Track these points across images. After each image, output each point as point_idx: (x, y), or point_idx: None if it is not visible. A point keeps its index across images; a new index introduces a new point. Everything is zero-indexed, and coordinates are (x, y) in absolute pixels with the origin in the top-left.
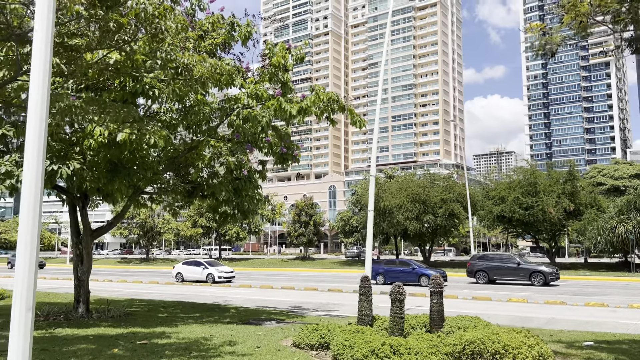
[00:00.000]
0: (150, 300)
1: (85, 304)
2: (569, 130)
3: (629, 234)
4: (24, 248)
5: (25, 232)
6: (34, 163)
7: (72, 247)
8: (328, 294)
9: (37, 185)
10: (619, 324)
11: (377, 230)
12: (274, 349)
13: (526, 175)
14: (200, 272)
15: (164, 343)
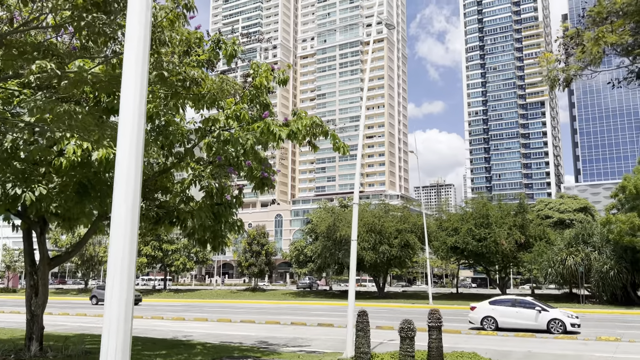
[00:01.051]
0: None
1: (39, 341)
2: (508, 165)
3: (578, 266)
4: (120, 284)
5: (122, 270)
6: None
7: (25, 277)
8: (292, 328)
9: (133, 220)
10: (594, 357)
11: (331, 260)
12: None
13: (479, 207)
14: None
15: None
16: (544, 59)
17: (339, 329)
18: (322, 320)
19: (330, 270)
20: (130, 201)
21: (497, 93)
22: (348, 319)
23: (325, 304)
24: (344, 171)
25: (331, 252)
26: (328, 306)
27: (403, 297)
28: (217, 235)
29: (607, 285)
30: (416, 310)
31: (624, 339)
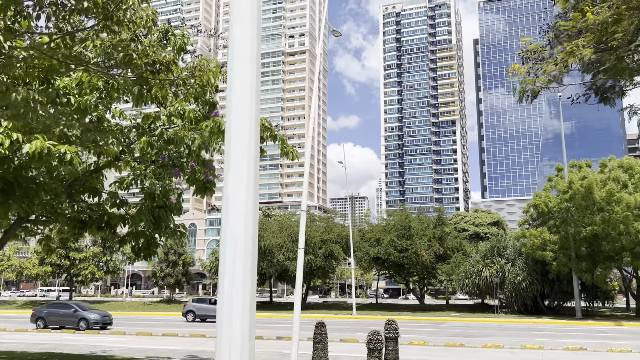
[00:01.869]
0: (11, 353)
1: None
2: (420, 180)
3: (493, 277)
4: (242, 297)
5: (244, 282)
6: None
7: None
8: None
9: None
10: None
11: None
12: None
13: (401, 218)
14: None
15: None
16: (513, 71)
17: (269, 341)
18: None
19: None
20: (251, 207)
21: (412, 110)
22: (293, 331)
23: None
24: (263, 180)
25: None
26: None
27: (324, 308)
28: (150, 243)
29: (519, 295)
30: (343, 321)
31: (546, 346)
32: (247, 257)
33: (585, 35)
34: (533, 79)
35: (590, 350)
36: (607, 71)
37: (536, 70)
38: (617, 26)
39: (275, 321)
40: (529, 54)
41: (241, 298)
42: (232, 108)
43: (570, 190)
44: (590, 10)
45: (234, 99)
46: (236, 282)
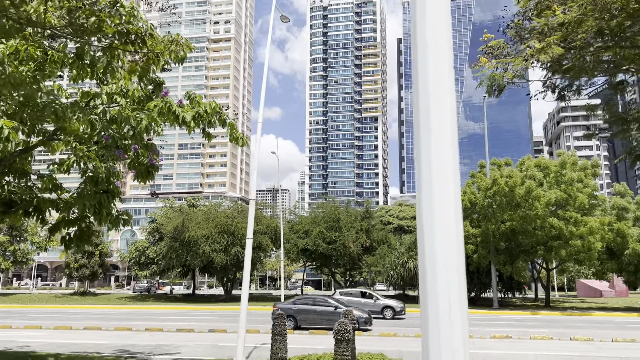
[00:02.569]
0: None
1: None
2: (343, 174)
3: (417, 269)
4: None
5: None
6: None
7: None
8: (149, 335)
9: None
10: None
11: (177, 262)
12: None
13: (330, 211)
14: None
15: None
16: (482, 65)
17: (201, 334)
18: (180, 325)
19: (173, 274)
20: (454, 209)
21: (337, 105)
22: (240, 324)
23: (172, 309)
24: (183, 170)
25: (178, 253)
26: (177, 310)
27: (250, 300)
28: (84, 232)
29: None
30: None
31: (475, 335)
32: (459, 255)
33: (554, 34)
34: (501, 74)
35: (515, 338)
36: (569, 70)
37: (504, 65)
38: (580, 26)
39: (199, 314)
40: (491, 49)
41: (458, 305)
42: (431, 112)
43: (494, 187)
44: (560, 10)
45: (433, 102)
46: (452, 286)
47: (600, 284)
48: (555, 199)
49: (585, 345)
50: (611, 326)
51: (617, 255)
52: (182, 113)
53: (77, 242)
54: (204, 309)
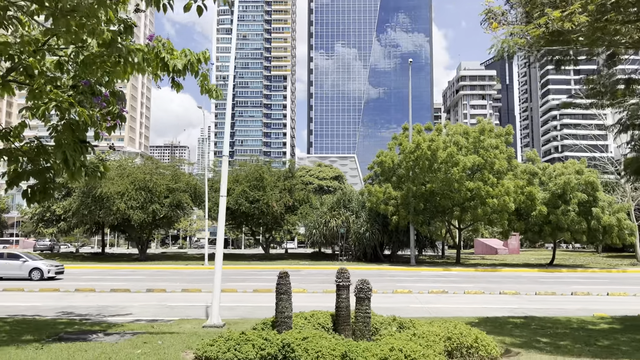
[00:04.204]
0: None
1: None
2: (251, 133)
3: (339, 227)
4: None
5: None
6: None
7: None
8: (84, 295)
9: None
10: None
11: (90, 219)
12: None
13: (252, 170)
14: None
15: None
16: (494, 29)
17: (139, 294)
18: (110, 285)
19: (79, 231)
20: None
21: (245, 61)
22: (215, 282)
23: (89, 268)
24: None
25: (90, 209)
26: (95, 270)
27: (166, 259)
28: (48, 185)
29: (362, 245)
30: (198, 272)
31: (414, 290)
32: None
33: (575, 2)
34: (515, 40)
35: (450, 293)
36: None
37: (522, 32)
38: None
39: (122, 273)
40: (493, 15)
41: None
42: None
43: (417, 151)
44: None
45: None
46: None
47: (495, 242)
48: (473, 164)
49: (516, 299)
50: (525, 280)
51: (523, 216)
52: (173, 60)
53: (42, 196)
54: (125, 269)
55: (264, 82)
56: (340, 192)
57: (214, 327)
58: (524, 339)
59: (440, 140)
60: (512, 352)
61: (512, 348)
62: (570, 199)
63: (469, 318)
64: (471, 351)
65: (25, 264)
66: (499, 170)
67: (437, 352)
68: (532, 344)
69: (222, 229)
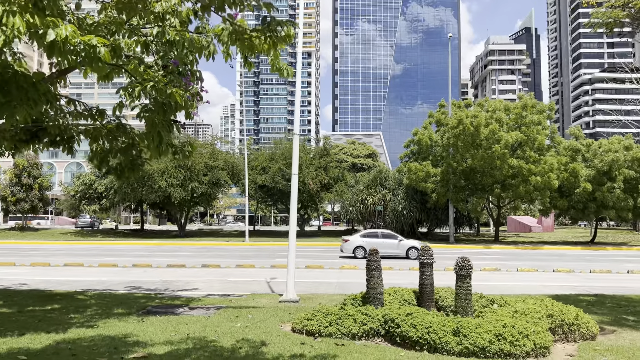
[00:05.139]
0: None
1: None
2: (275, 110)
3: (376, 205)
4: None
5: None
6: None
7: None
8: (142, 270)
9: None
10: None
11: (133, 197)
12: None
13: (287, 148)
14: None
15: None
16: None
17: (194, 269)
18: (167, 261)
19: (121, 208)
20: None
21: None
22: (289, 259)
23: (133, 244)
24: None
25: (133, 187)
26: (140, 246)
27: (203, 235)
28: (135, 162)
29: (399, 222)
30: (241, 248)
31: None
32: None
33: None
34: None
35: (503, 270)
36: None
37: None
38: None
39: (169, 249)
40: None
41: None
42: None
43: (459, 127)
44: None
45: None
46: None
47: (528, 219)
48: (515, 141)
49: (573, 277)
50: (570, 258)
51: (566, 194)
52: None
53: (129, 173)
54: (169, 245)
55: (288, 59)
56: (377, 169)
57: (291, 301)
58: (609, 316)
59: (483, 117)
60: (606, 329)
61: (604, 326)
62: (616, 175)
63: (539, 296)
64: (572, 329)
65: None
66: (540, 147)
67: (544, 328)
68: (621, 321)
69: (294, 206)
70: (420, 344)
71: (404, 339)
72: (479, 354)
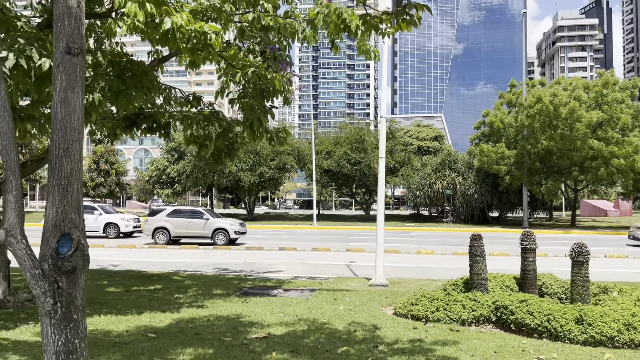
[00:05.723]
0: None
1: (7, 280)
2: (334, 94)
3: (445, 189)
4: None
5: None
6: None
7: None
8: (223, 252)
9: None
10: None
11: (204, 182)
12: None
13: (352, 132)
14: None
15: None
16: None
17: (274, 252)
18: (245, 244)
19: (189, 193)
20: None
21: None
22: (377, 243)
23: None
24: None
25: (204, 172)
26: None
27: (270, 219)
28: (233, 147)
29: (469, 206)
30: (310, 231)
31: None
32: None
33: None
34: None
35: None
36: None
37: None
38: None
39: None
40: None
41: None
42: None
43: (537, 106)
44: None
45: None
46: None
47: (604, 203)
48: (597, 120)
49: None
50: None
51: None
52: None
53: (226, 158)
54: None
55: (347, 42)
56: (445, 152)
57: (381, 285)
58: None
59: (563, 95)
60: None
61: None
62: None
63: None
64: None
65: None
66: (624, 127)
67: None
68: None
69: (382, 190)
70: (539, 331)
71: (519, 326)
72: (607, 344)
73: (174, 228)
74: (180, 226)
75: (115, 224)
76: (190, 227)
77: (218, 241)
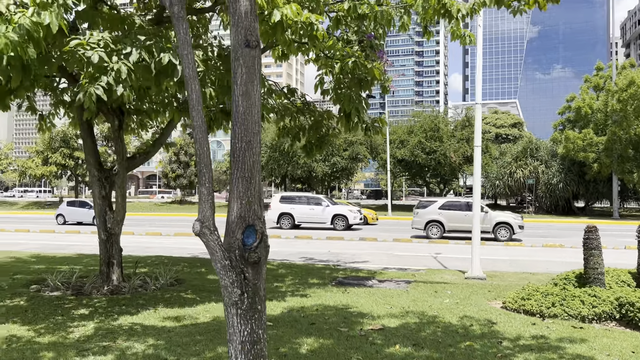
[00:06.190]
0: (158, 257)
1: (120, 267)
2: (402, 82)
3: (527, 178)
4: None
5: None
6: None
7: (92, 185)
8: (305, 242)
9: None
10: None
11: (278, 172)
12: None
13: (427, 120)
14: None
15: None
16: None
17: (354, 242)
18: (326, 233)
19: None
20: None
21: None
22: (474, 234)
23: None
24: None
25: (279, 163)
26: None
27: None
28: (324, 139)
29: (553, 196)
30: (385, 222)
31: None
32: None
33: None
34: None
35: None
36: None
37: None
38: None
39: None
40: None
41: None
42: None
43: (630, 89)
44: None
45: None
46: None
47: None
48: None
49: None
50: None
51: None
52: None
53: (317, 150)
54: None
55: (415, 27)
56: (526, 139)
57: (478, 278)
58: None
59: None
60: None
61: None
62: None
63: None
64: None
65: None
66: None
67: None
68: None
69: (478, 180)
70: None
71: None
72: None
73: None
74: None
75: (344, 215)
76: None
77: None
